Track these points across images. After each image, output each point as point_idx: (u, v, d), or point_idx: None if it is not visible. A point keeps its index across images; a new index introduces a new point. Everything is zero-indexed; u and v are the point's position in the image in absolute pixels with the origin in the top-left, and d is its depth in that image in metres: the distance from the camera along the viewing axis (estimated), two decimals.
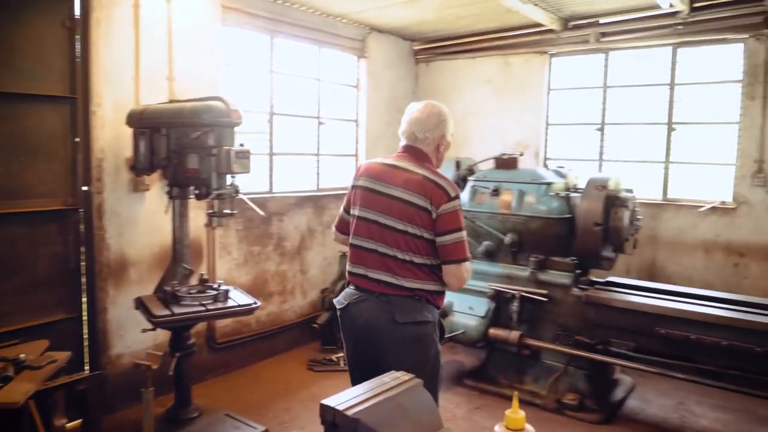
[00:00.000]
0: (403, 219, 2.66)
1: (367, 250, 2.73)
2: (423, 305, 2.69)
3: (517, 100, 6.41)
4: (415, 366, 2.29)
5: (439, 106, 2.89)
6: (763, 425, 4.37)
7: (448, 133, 2.86)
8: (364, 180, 2.82)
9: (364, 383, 1.50)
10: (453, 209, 2.65)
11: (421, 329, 2.67)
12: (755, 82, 5.11)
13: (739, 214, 5.27)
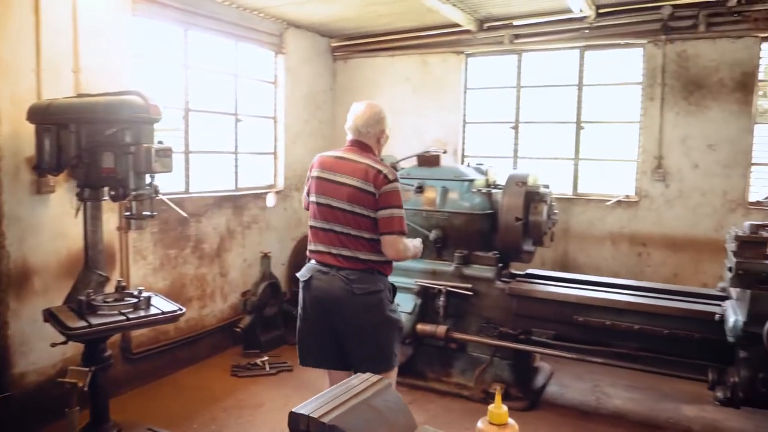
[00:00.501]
0: (352, 201, 3.12)
1: (324, 230, 3.22)
2: (375, 276, 3.18)
3: (435, 99, 6.53)
4: (373, 327, 3.13)
5: (379, 106, 3.39)
6: (669, 401, 4.73)
7: (386, 128, 3.38)
8: (317, 171, 3.34)
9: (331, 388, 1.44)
10: (391, 189, 3.12)
11: (375, 297, 3.16)
12: (654, 84, 5.51)
13: (641, 207, 5.67)
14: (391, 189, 3.10)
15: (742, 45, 5.17)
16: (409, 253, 3.28)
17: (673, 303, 4.21)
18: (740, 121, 5.24)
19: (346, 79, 7.03)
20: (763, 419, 4.35)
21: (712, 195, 5.39)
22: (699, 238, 5.46)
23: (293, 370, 5.21)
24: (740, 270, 3.55)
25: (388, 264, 3.28)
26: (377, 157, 3.29)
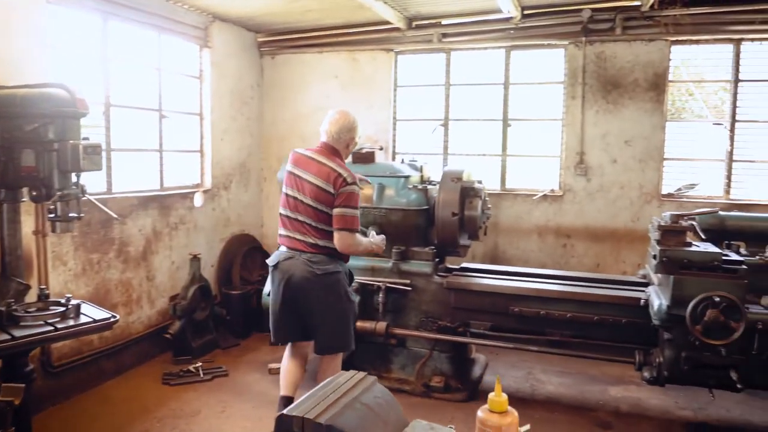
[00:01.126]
0: (315, 198, 3.62)
1: (290, 218, 3.72)
2: (334, 260, 3.67)
3: (365, 97, 6.52)
4: (333, 304, 3.66)
5: (352, 116, 3.81)
6: (596, 383, 4.99)
7: (356, 136, 3.83)
8: (291, 166, 3.76)
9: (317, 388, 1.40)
10: (347, 191, 3.57)
11: (334, 277, 3.66)
12: (575, 83, 5.79)
13: (565, 201, 5.94)
14: (347, 191, 3.57)
15: (655, 48, 5.53)
16: (360, 248, 3.75)
17: (601, 291, 4.45)
18: (653, 118, 5.61)
19: (273, 75, 6.88)
20: (681, 395, 4.69)
21: (629, 188, 5.73)
22: (618, 229, 5.80)
23: (228, 375, 5.05)
24: (664, 257, 3.79)
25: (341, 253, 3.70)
26: (342, 161, 3.73)
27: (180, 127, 5.79)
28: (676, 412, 4.53)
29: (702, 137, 5.68)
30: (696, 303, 3.60)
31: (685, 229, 3.91)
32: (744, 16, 5.23)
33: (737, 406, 4.54)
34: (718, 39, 5.44)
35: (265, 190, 7.01)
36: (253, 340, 5.95)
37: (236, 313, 5.95)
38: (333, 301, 3.68)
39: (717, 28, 5.35)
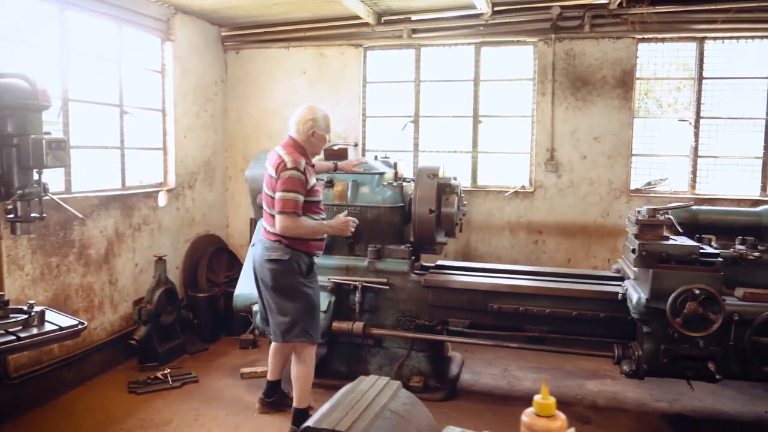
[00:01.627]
0: (267, 185, 3.83)
1: (260, 208, 4.00)
2: (282, 247, 3.74)
3: (334, 93, 6.39)
4: (280, 291, 3.77)
5: (313, 108, 3.91)
6: (573, 378, 5.02)
7: (317, 127, 3.85)
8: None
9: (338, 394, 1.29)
10: (286, 176, 3.65)
11: (280, 264, 3.74)
12: (545, 80, 5.82)
13: (536, 197, 5.97)
14: (286, 176, 3.65)
15: (622, 45, 5.62)
16: (302, 231, 3.75)
17: (579, 286, 4.47)
18: (621, 115, 5.69)
19: (238, 70, 6.66)
20: (655, 387, 4.76)
21: (598, 184, 5.80)
22: (588, 224, 5.86)
23: (199, 381, 4.85)
24: (643, 251, 3.83)
25: (298, 240, 3.76)
26: (300, 152, 3.79)
27: (142, 123, 5.53)
28: (652, 404, 4.59)
29: (668, 133, 5.80)
30: (676, 296, 3.64)
31: (662, 223, 3.95)
32: (707, 15, 5.36)
33: (709, 396, 4.64)
34: (682, 37, 5.57)
35: (231, 189, 6.79)
36: (221, 344, 5.75)
37: (203, 316, 5.74)
38: (280, 288, 3.77)
39: (681, 26, 5.48)
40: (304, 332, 3.80)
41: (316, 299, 3.93)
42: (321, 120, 3.86)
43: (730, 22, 5.31)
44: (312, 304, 3.85)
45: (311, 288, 3.86)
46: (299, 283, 3.77)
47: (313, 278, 3.93)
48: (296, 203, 3.65)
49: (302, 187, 3.67)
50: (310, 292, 3.84)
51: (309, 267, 3.88)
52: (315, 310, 3.89)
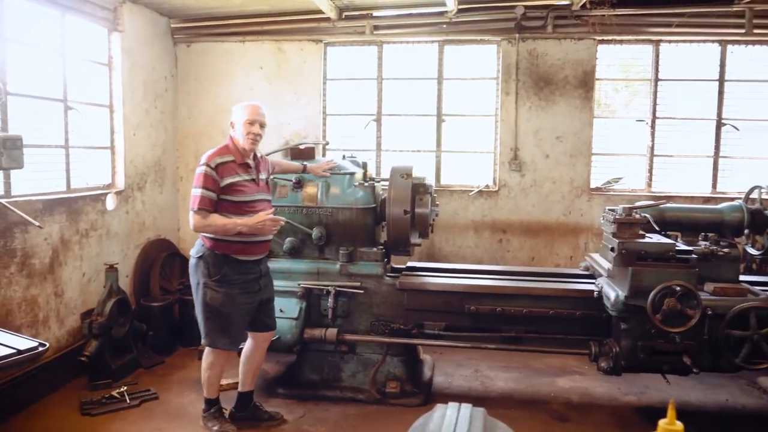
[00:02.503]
0: None
1: None
2: (199, 244, 3.73)
3: (293, 89, 6.16)
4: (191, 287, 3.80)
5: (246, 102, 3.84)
6: (543, 376, 5.05)
7: (233, 118, 3.75)
8: None
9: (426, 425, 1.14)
10: (196, 173, 3.60)
11: (193, 261, 3.74)
12: (509, 79, 5.84)
13: (500, 196, 5.99)
14: (196, 172, 3.61)
15: (583, 46, 5.72)
16: (209, 228, 3.58)
17: (555, 284, 4.48)
18: (583, 114, 5.80)
19: (189, 64, 6.30)
20: (622, 382, 4.85)
21: (561, 183, 5.89)
22: (551, 223, 5.94)
23: (159, 398, 4.51)
24: (623, 249, 3.88)
25: (208, 238, 3.66)
26: (223, 149, 3.70)
27: (88, 120, 5.10)
28: (622, 398, 4.68)
29: (626, 133, 5.96)
30: (656, 292, 3.70)
31: (639, 221, 4.02)
32: (662, 18, 5.55)
33: (672, 388, 4.76)
34: (639, 39, 5.74)
35: (182, 190, 6.42)
36: (179, 356, 5.41)
37: (158, 327, 5.37)
38: (192, 286, 3.79)
39: (639, 29, 5.64)
40: (205, 335, 3.75)
41: (224, 304, 3.66)
42: (236, 110, 3.74)
43: (684, 26, 5.52)
44: (210, 307, 3.66)
45: (216, 291, 3.64)
46: (203, 284, 3.65)
47: (227, 282, 3.65)
48: (203, 199, 3.52)
49: (212, 184, 3.54)
50: (211, 295, 3.64)
51: (219, 269, 3.64)
52: (215, 315, 3.68)
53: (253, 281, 3.79)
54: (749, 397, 4.71)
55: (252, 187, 3.72)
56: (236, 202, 3.62)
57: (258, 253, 3.79)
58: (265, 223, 3.62)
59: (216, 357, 3.86)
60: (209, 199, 3.53)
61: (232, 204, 3.61)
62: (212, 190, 3.53)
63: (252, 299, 3.78)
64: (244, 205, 3.65)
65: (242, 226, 3.55)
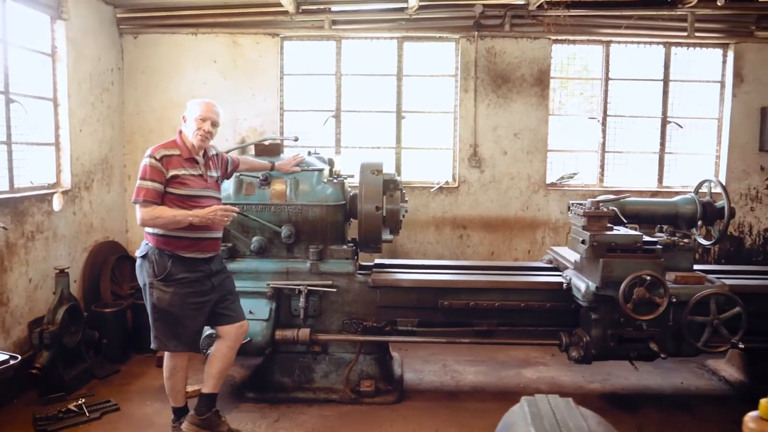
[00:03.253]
0: None
1: None
2: (144, 242, 3.57)
3: (249, 84, 5.97)
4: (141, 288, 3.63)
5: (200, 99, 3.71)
6: (509, 368, 5.15)
7: (186, 113, 3.63)
8: None
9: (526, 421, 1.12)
10: (141, 164, 3.46)
11: (139, 261, 3.57)
12: (468, 76, 5.91)
13: (460, 192, 6.05)
14: (140, 164, 3.47)
15: (539, 45, 5.87)
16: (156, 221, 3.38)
17: (526, 278, 4.58)
18: (539, 112, 5.96)
19: (136, 57, 5.97)
20: (584, 370, 5.02)
21: (518, 179, 6.03)
22: (510, 218, 6.07)
23: (121, 409, 4.25)
24: (594, 241, 4.01)
25: (151, 235, 3.51)
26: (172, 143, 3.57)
27: (31, 114, 4.73)
28: (587, 385, 4.84)
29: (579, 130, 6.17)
30: (627, 282, 3.85)
31: (607, 214, 4.17)
32: (612, 20, 5.78)
33: (631, 374, 4.99)
34: (591, 40, 5.96)
35: (129, 189, 6.06)
36: (134, 364, 5.12)
37: (111, 334, 5.05)
38: (142, 289, 3.63)
39: (591, 30, 5.86)
40: (153, 337, 3.61)
41: (172, 305, 3.49)
42: (190, 105, 3.64)
43: (632, 28, 5.77)
44: (157, 308, 3.50)
45: (163, 291, 3.47)
46: (149, 284, 3.50)
47: (174, 281, 3.48)
48: (149, 191, 3.36)
49: (157, 175, 3.39)
50: (159, 295, 3.48)
51: (164, 267, 3.46)
52: (162, 316, 3.52)
53: (203, 280, 3.58)
54: (701, 378, 5.00)
55: (198, 182, 3.55)
56: (181, 196, 3.46)
57: (206, 251, 3.60)
58: (216, 213, 3.45)
59: (176, 361, 3.68)
60: (155, 191, 3.37)
61: (177, 198, 3.45)
62: (158, 181, 3.39)
63: (204, 298, 3.58)
64: (189, 199, 3.49)
65: (193, 217, 3.39)
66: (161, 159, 3.42)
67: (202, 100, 3.67)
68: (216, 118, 3.63)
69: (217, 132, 3.66)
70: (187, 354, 3.72)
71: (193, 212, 3.40)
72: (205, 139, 3.57)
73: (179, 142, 3.57)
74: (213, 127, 3.60)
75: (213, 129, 3.61)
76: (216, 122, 3.64)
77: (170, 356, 3.70)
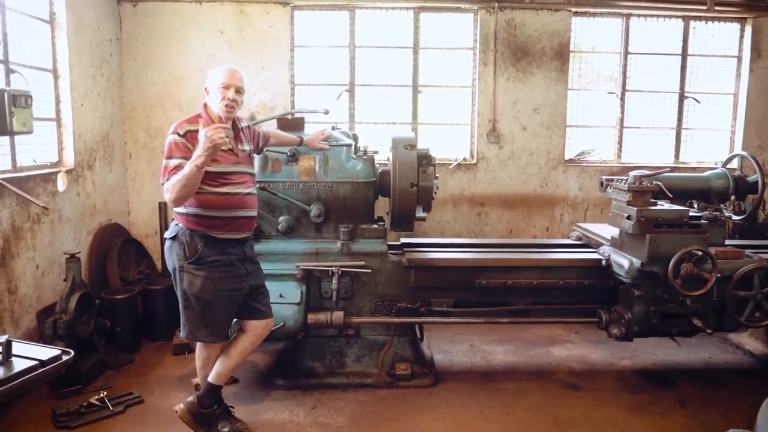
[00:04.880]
0: None
1: None
2: (174, 223, 3.32)
3: (258, 56, 5.66)
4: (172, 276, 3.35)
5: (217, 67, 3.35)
6: (536, 347, 5.06)
7: (207, 83, 3.29)
8: None
9: None
10: (166, 143, 3.16)
11: (168, 244, 3.33)
12: (487, 49, 5.72)
13: (479, 169, 5.90)
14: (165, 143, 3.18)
15: (559, 17, 5.72)
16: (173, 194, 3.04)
17: (563, 255, 4.48)
18: (558, 86, 5.83)
19: (136, 27, 5.57)
20: (615, 347, 4.98)
21: (537, 155, 5.90)
22: (528, 194, 5.95)
23: (145, 401, 3.99)
24: (641, 217, 3.91)
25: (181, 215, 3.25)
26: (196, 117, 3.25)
27: (30, 86, 4.33)
28: (618, 362, 4.80)
29: (597, 105, 6.07)
30: (678, 258, 3.78)
31: (651, 189, 4.08)
32: None
33: (660, 350, 4.97)
34: (611, 12, 5.84)
35: (131, 169, 5.72)
36: (147, 353, 4.84)
37: (123, 322, 4.75)
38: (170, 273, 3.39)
39: (611, 2, 5.72)
40: (183, 325, 3.39)
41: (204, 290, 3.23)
42: (210, 73, 3.29)
43: (652, 1, 5.67)
44: (188, 294, 3.24)
45: (194, 275, 3.21)
46: (179, 268, 3.24)
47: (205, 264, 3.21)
48: (175, 170, 3.04)
49: (183, 152, 3.08)
50: (189, 279, 3.21)
51: (194, 248, 3.19)
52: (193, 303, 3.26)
53: (237, 264, 3.33)
54: (726, 353, 5.01)
55: (229, 158, 3.26)
56: (211, 173, 3.14)
57: (242, 231, 3.33)
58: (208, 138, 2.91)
59: (209, 352, 3.47)
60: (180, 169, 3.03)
61: (207, 175, 3.11)
62: (185, 158, 3.04)
63: (238, 285, 3.33)
64: (220, 177, 3.20)
65: (197, 159, 2.94)
66: (185, 134, 3.13)
67: (223, 66, 3.32)
68: (240, 84, 3.28)
69: (243, 100, 3.32)
70: (220, 344, 3.50)
71: (194, 156, 2.96)
72: (232, 108, 3.26)
73: (204, 115, 3.27)
74: (238, 94, 3.27)
75: (239, 96, 3.29)
76: (241, 89, 3.29)
77: (203, 346, 3.47)
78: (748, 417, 3.94)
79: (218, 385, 3.50)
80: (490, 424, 3.77)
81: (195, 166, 2.93)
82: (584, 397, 4.20)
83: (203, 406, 3.44)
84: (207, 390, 3.48)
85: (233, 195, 3.26)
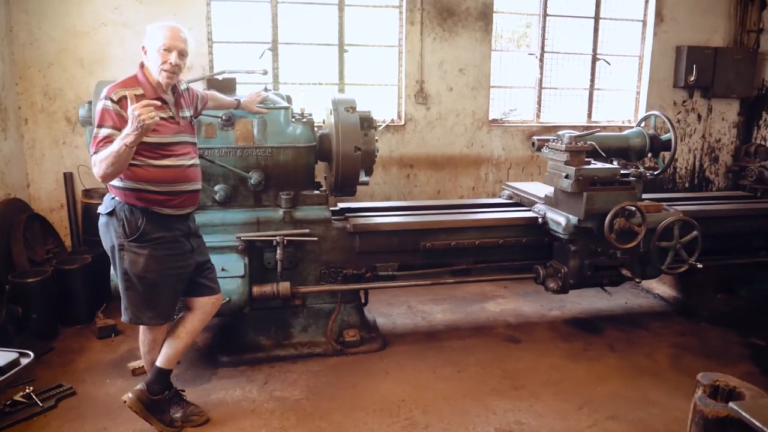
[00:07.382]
0: None
1: None
2: (109, 197, 3.03)
3: (171, 11, 5.15)
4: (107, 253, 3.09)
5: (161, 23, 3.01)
6: (470, 303, 5.24)
7: (146, 42, 2.97)
8: None
9: None
10: (96, 109, 2.87)
11: (103, 220, 3.04)
12: (414, 8, 5.63)
13: (407, 130, 5.87)
14: (95, 108, 2.91)
15: None
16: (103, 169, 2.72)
17: (502, 215, 4.60)
18: (482, 47, 5.87)
19: None
20: (543, 300, 5.27)
21: (463, 115, 5.97)
22: (455, 155, 6.03)
23: (77, 393, 3.66)
24: (580, 176, 4.08)
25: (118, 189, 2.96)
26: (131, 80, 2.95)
27: None
28: (548, 313, 5.09)
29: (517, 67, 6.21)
30: (613, 214, 4.02)
31: (586, 149, 4.26)
32: None
33: (580, 299, 5.33)
34: None
35: (28, 136, 5.07)
36: (68, 339, 4.42)
37: (37, 308, 4.29)
38: (107, 250, 3.09)
39: None
40: (125, 308, 3.10)
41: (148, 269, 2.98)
42: (149, 31, 2.96)
43: None
44: (129, 274, 2.98)
45: (137, 254, 2.96)
46: (118, 246, 2.96)
47: (149, 242, 2.96)
48: (105, 140, 2.74)
49: (117, 120, 2.76)
50: (131, 258, 2.96)
51: (136, 225, 2.93)
52: (136, 283, 3.01)
53: (183, 240, 3.10)
54: (639, 298, 5.48)
55: (169, 127, 2.98)
56: (150, 145, 2.86)
57: (186, 206, 3.09)
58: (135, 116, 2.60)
59: (155, 334, 3.24)
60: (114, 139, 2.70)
61: (146, 147, 2.84)
62: (118, 128, 2.73)
63: (184, 263, 3.11)
64: (161, 148, 2.92)
65: (126, 138, 2.64)
66: (120, 101, 2.79)
67: (163, 24, 2.98)
68: (183, 46, 2.97)
69: (185, 63, 3.07)
70: (166, 325, 3.26)
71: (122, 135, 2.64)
72: (173, 74, 2.96)
73: (141, 78, 2.94)
74: (180, 57, 2.97)
75: (181, 61, 2.98)
76: (184, 51, 2.98)
77: (147, 329, 3.22)
78: (669, 355, 4.40)
79: (168, 369, 3.27)
80: (446, 383, 3.87)
81: (124, 145, 2.64)
82: (526, 348, 4.41)
83: (153, 392, 3.21)
84: (156, 375, 3.24)
85: (176, 167, 2.99)
